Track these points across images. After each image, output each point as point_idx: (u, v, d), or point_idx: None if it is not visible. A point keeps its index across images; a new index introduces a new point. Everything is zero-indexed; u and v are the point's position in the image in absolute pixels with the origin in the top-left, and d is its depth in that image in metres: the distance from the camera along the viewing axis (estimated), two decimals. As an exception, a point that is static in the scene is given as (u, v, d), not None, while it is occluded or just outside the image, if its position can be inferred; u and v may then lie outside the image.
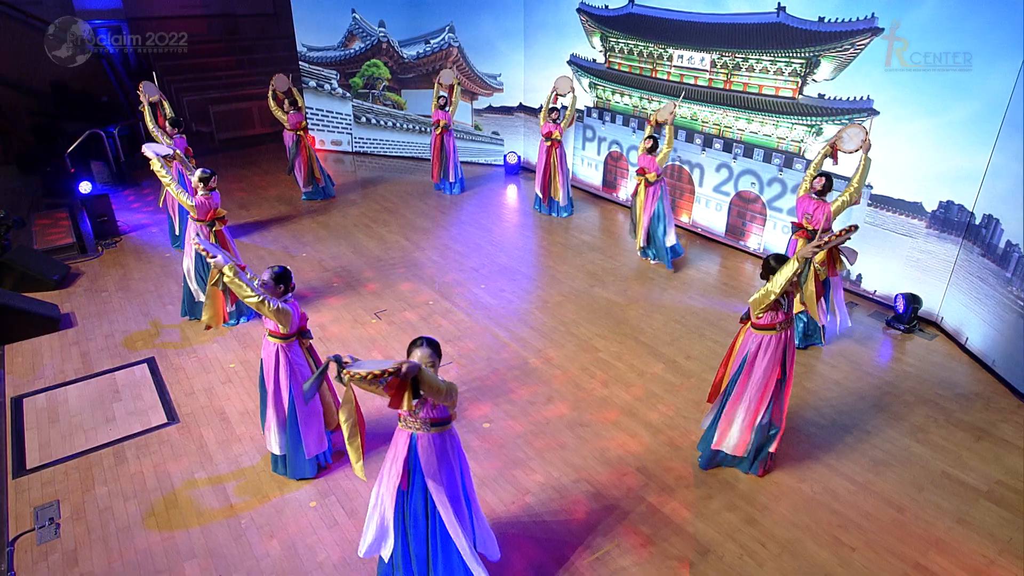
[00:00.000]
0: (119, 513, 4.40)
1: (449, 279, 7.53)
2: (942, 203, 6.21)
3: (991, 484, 4.62)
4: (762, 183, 7.67)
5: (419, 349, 3.16)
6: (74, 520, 4.36)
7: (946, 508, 4.39)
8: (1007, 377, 5.62)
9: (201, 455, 4.92)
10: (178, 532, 4.23)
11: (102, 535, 4.24)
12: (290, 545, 4.11)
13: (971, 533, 4.20)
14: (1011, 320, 5.60)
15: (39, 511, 4.44)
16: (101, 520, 4.36)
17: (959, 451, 4.93)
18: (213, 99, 12.42)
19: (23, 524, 4.33)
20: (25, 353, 6.20)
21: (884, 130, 6.45)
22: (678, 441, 4.95)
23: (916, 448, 4.95)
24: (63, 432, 5.19)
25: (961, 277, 6.17)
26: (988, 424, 5.22)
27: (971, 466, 4.79)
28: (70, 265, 7.73)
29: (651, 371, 5.80)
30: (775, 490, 4.52)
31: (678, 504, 4.37)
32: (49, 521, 4.36)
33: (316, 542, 4.13)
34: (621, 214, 9.55)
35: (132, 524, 4.31)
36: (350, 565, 3.95)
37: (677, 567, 3.89)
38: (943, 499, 4.47)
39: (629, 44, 8.75)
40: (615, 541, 4.07)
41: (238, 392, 5.62)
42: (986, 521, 4.30)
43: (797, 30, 6.87)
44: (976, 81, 5.77)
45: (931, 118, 6.12)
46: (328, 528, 4.23)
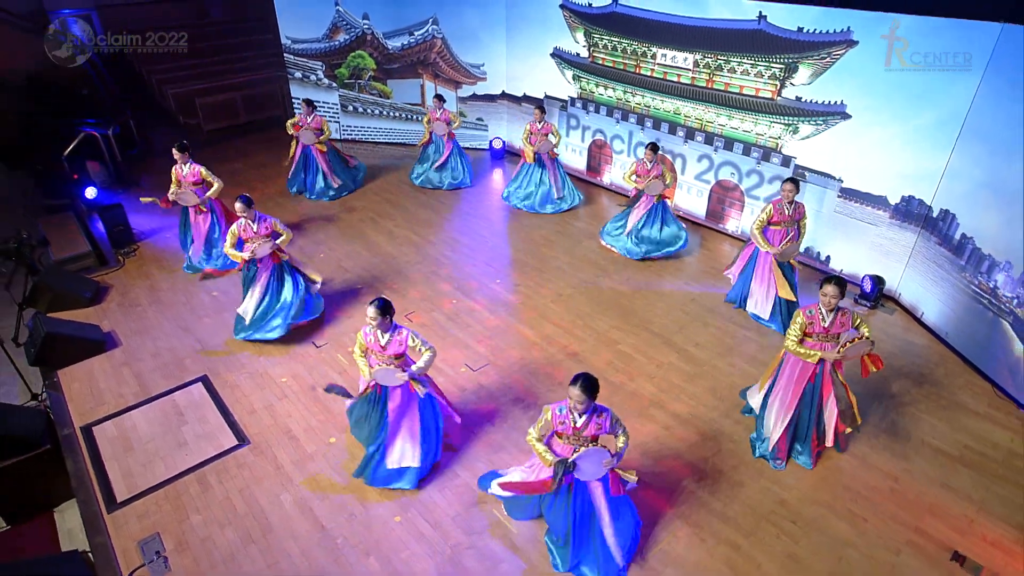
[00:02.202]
0: (220, 542, 4.34)
1: (464, 274, 7.45)
2: (904, 197, 6.47)
3: (961, 449, 5.07)
4: (741, 174, 7.78)
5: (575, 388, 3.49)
6: (179, 552, 4.28)
7: (931, 476, 4.80)
8: (959, 348, 6.08)
9: (280, 476, 4.84)
10: (280, 557, 4.21)
11: (209, 565, 4.18)
12: (387, 561, 4.16)
13: (954, 497, 4.63)
14: (963, 301, 6.01)
15: (144, 545, 4.34)
16: (205, 549, 4.29)
17: (932, 420, 5.35)
18: (198, 91, 11.46)
19: (132, 559, 4.23)
20: (80, 378, 5.87)
21: (855, 131, 6.60)
22: (704, 430, 5.18)
23: (898, 420, 5.33)
24: (141, 461, 5.01)
25: (918, 261, 6.53)
26: (949, 393, 5.67)
27: (943, 434, 5.23)
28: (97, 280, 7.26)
29: (667, 361, 5.98)
30: (795, 471, 4.81)
31: (717, 492, 4.61)
32: (156, 555, 4.27)
33: (410, 556, 4.20)
34: (605, 197, 9.55)
35: (235, 552, 4.26)
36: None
37: (729, 552, 4.18)
38: (927, 467, 4.88)
39: (613, 41, 8.50)
40: (671, 532, 4.33)
41: (297, 408, 5.50)
42: (964, 484, 4.73)
43: (777, 38, 6.83)
44: (939, 92, 5.93)
45: (898, 123, 6.29)
46: (417, 541, 4.29)
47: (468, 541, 4.26)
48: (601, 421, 3.63)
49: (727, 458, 4.92)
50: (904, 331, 6.48)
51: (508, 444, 5.05)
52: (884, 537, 4.30)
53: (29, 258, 6.66)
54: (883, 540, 4.28)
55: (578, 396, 3.46)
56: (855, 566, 4.09)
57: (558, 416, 3.68)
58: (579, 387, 3.44)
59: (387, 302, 4.23)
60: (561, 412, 3.67)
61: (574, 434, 3.66)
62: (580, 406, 3.53)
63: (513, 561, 4.12)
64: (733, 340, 6.28)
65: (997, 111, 5.53)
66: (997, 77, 5.51)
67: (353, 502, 4.60)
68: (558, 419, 3.68)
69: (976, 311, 5.84)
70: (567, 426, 3.66)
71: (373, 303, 4.19)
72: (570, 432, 3.68)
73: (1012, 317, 5.48)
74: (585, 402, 3.49)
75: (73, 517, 5.01)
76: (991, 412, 5.43)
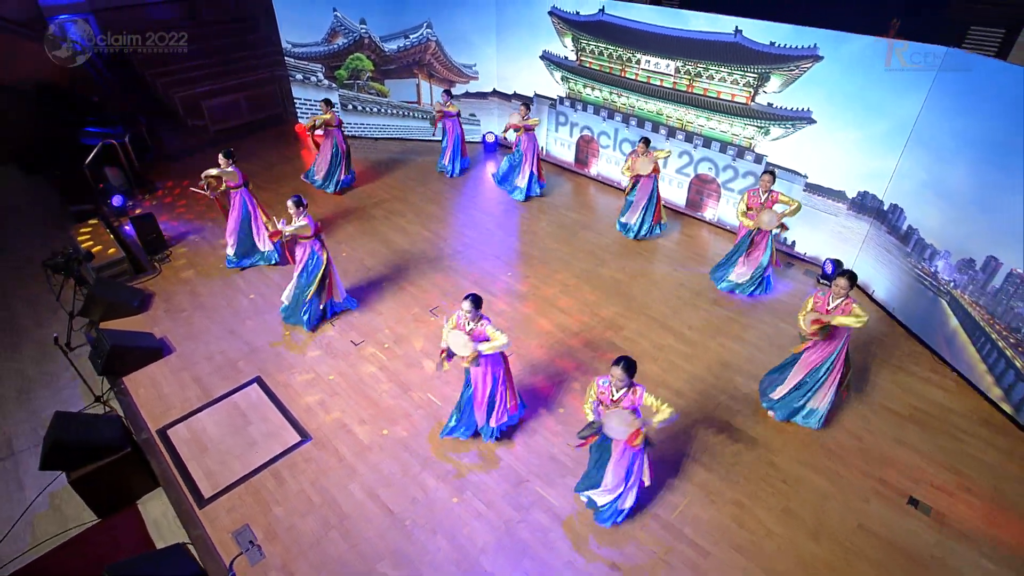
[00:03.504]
0: (304, 530, 4.60)
1: (478, 268, 7.62)
2: (860, 192, 6.88)
3: (910, 409, 5.63)
4: (718, 168, 8.07)
5: (617, 368, 3.88)
6: (269, 541, 4.53)
7: (887, 433, 5.35)
8: (905, 322, 6.62)
9: (344, 468, 5.06)
10: (359, 540, 4.49)
11: (300, 550, 4.45)
12: (452, 538, 4.49)
13: (907, 450, 5.19)
14: (908, 282, 6.53)
15: (238, 536, 4.57)
16: (291, 537, 4.54)
17: (884, 384, 5.90)
18: (203, 93, 11.01)
19: (229, 548, 4.47)
20: (145, 384, 5.93)
21: (819, 135, 6.93)
22: (705, 405, 5.60)
23: (858, 385, 5.85)
24: (218, 460, 5.17)
25: (870, 246, 7.00)
26: (899, 360, 6.21)
27: (894, 396, 5.77)
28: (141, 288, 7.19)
29: (666, 343, 6.35)
30: (782, 437, 5.28)
31: (721, 459, 5.05)
32: (250, 544, 4.52)
33: (472, 531, 4.55)
34: (593, 187, 9.75)
35: (319, 538, 4.53)
36: (506, 548, 4.39)
37: (735, 510, 4.66)
38: (884, 426, 5.42)
39: (599, 47, 8.54)
40: (687, 497, 4.78)
41: (347, 404, 5.68)
42: (913, 440, 5.29)
43: (751, 50, 7.02)
44: (891, 104, 6.26)
45: (856, 129, 6.63)
46: (475, 519, 4.63)
47: (519, 516, 4.62)
48: (635, 397, 4.00)
49: (725, 430, 5.35)
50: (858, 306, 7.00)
51: (541, 428, 5.40)
52: (855, 488, 4.84)
53: (77, 271, 6.56)
54: (855, 490, 4.82)
55: (619, 375, 3.88)
56: (835, 514, 4.63)
57: (600, 387, 4.08)
58: (621, 367, 3.86)
59: (479, 298, 4.55)
60: (604, 384, 4.07)
61: (612, 404, 4.03)
62: (620, 383, 3.93)
63: (558, 531, 4.51)
64: (720, 321, 6.68)
65: (940, 123, 5.91)
66: (940, 94, 5.87)
67: (414, 488, 4.87)
68: (600, 389, 4.08)
69: (919, 291, 6.37)
70: (606, 397, 4.06)
71: (468, 298, 4.48)
72: (608, 402, 4.05)
73: (948, 297, 6.01)
74: (624, 379, 3.90)
75: (155, 508, 5.17)
76: (931, 376, 6.01)
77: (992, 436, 5.37)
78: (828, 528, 4.52)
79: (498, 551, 4.39)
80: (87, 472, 4.93)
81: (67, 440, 4.86)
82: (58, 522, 5.09)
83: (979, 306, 5.67)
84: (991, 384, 5.61)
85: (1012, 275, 5.32)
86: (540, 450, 5.17)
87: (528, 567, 4.28)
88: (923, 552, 4.39)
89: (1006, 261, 5.37)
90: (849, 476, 4.94)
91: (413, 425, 5.45)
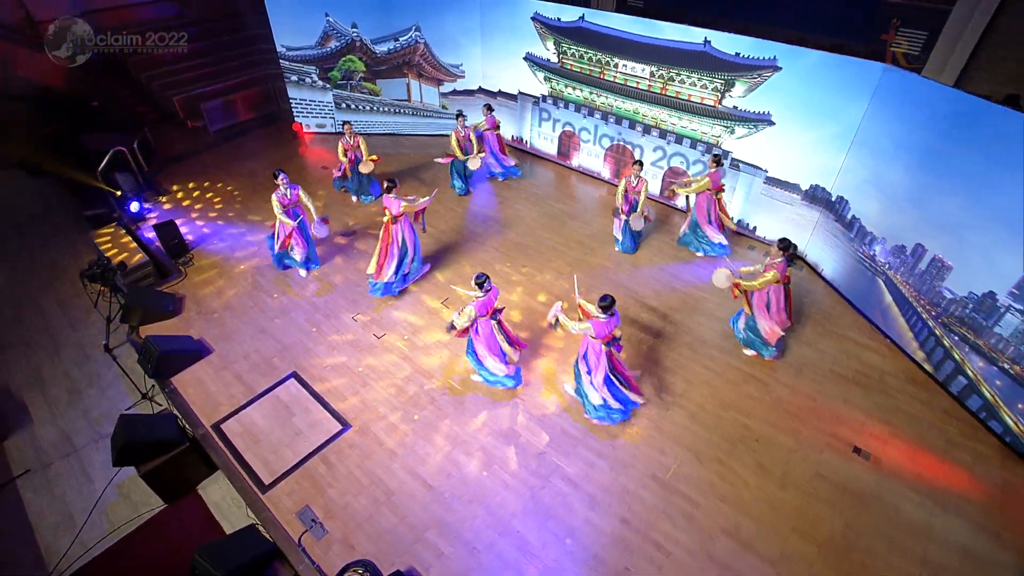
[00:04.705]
0: (357, 508, 4.93)
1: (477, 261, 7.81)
2: (812, 185, 7.34)
3: (853, 373, 6.23)
4: (688, 162, 8.39)
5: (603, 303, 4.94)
6: (328, 518, 4.87)
7: (836, 394, 5.94)
8: (848, 296, 7.20)
9: (384, 451, 5.38)
10: (407, 512, 4.84)
11: (356, 524, 4.80)
12: (486, 506, 4.89)
13: (850, 408, 5.80)
14: (851, 263, 7.09)
15: (301, 516, 4.89)
16: (347, 514, 4.87)
17: (834, 353, 6.48)
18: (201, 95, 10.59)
19: (295, 526, 4.80)
20: (193, 384, 6.07)
21: (778, 135, 7.30)
22: (691, 379, 6.04)
23: (809, 354, 6.39)
24: (270, 450, 5.43)
25: (820, 232, 7.52)
26: (843, 330, 6.79)
27: (840, 361, 6.35)
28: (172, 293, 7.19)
29: (653, 324, 6.81)
30: (752, 402, 5.80)
31: (705, 424, 5.54)
32: (313, 522, 4.86)
33: (502, 500, 4.95)
34: (574, 177, 9.96)
35: (372, 513, 4.87)
36: (532, 511, 4.83)
37: (718, 467, 5.16)
38: (833, 388, 6.00)
39: (580, 51, 8.61)
40: (678, 460, 5.30)
41: (380, 393, 5.92)
42: (856, 399, 5.90)
43: (718, 59, 7.26)
44: (839, 111, 6.64)
45: (809, 131, 7.02)
46: (504, 489, 5.03)
47: (541, 483, 5.07)
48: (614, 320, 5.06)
49: (709, 398, 5.85)
50: (809, 283, 7.56)
51: (552, 406, 5.82)
52: (813, 442, 5.46)
53: (112, 280, 6.54)
54: (812, 444, 5.44)
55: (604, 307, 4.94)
56: (799, 465, 5.24)
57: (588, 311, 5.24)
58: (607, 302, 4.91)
59: (484, 275, 5.39)
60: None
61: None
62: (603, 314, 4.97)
63: (575, 494, 4.98)
64: (695, 301, 7.13)
65: (880, 129, 6.34)
66: (880, 102, 6.28)
67: (448, 465, 5.24)
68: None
69: (860, 270, 6.95)
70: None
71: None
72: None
73: (884, 276, 6.60)
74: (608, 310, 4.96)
75: (215, 492, 5.44)
76: (870, 343, 6.64)
77: (916, 391, 6.04)
78: (792, 477, 5.14)
79: (526, 514, 4.85)
80: (155, 466, 5.16)
81: (135, 439, 5.06)
82: (129, 508, 5.34)
83: (908, 285, 6.28)
84: (916, 348, 6.27)
85: (935, 260, 5.90)
86: (552, 425, 5.60)
87: (552, 526, 4.76)
88: (865, 491, 5.05)
89: (930, 248, 5.93)
90: (807, 433, 5.55)
91: (439, 409, 5.77)
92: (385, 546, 4.65)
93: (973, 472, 5.23)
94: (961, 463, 5.30)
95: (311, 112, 10.67)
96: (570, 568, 4.49)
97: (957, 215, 5.56)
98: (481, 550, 4.62)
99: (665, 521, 4.79)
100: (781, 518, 4.81)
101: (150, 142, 9.41)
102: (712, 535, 4.69)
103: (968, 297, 5.57)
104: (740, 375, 6.10)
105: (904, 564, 4.52)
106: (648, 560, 4.54)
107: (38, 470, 5.76)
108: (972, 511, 4.91)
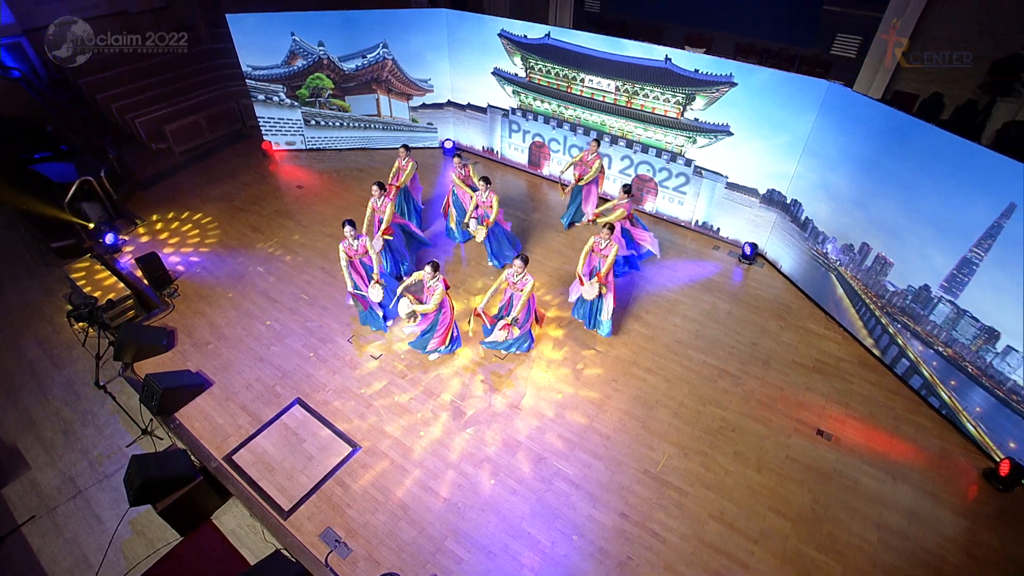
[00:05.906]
0: (377, 524, 5.25)
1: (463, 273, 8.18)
2: (769, 189, 8.02)
3: (813, 361, 6.96)
4: (655, 170, 8.95)
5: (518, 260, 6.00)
6: (350, 537, 5.18)
7: (799, 382, 6.65)
8: (806, 290, 7.94)
9: (395, 468, 5.70)
10: (425, 524, 5.22)
11: (378, 540, 5.13)
12: (497, 512, 5.31)
13: (813, 394, 6.51)
14: (807, 260, 7.82)
15: (324, 537, 5.18)
16: (368, 532, 5.18)
17: (795, 344, 7.20)
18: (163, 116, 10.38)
19: (320, 548, 5.09)
20: (198, 417, 6.21)
21: (737, 144, 7.92)
22: (671, 378, 6.60)
23: (775, 347, 7.09)
24: (285, 476, 5.67)
25: (777, 232, 8.24)
26: (802, 321, 7.52)
27: (801, 351, 7.07)
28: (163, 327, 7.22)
29: (633, 328, 7.30)
30: (727, 397, 6.45)
31: (688, 420, 6.10)
32: (336, 542, 5.17)
33: (511, 505, 5.40)
34: (546, 185, 10.38)
35: (391, 528, 5.21)
36: (539, 514, 5.27)
37: (702, 458, 5.78)
38: (796, 377, 6.71)
39: (547, 66, 8.99)
40: (666, 454, 5.88)
41: (382, 413, 6.19)
42: (817, 385, 6.62)
43: (679, 75, 7.80)
44: (790, 122, 7.29)
45: (764, 140, 7.66)
46: (511, 494, 5.48)
47: (544, 487, 5.54)
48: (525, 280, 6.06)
49: (689, 396, 6.43)
50: (770, 278, 8.28)
51: (545, 417, 6.29)
52: (782, 428, 6.14)
53: (100, 318, 6.57)
54: (782, 430, 6.12)
55: (519, 265, 5.95)
56: (770, 450, 5.90)
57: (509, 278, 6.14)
58: (520, 259, 5.93)
59: (433, 262, 6.10)
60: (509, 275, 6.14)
61: (512, 287, 6.21)
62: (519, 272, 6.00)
63: (578, 494, 5.48)
64: (668, 303, 7.72)
65: (826, 139, 7.04)
66: (826, 116, 6.96)
67: (457, 476, 5.63)
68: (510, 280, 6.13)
69: (814, 267, 7.69)
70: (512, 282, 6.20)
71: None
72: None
73: (836, 272, 7.36)
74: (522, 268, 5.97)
75: (229, 520, 5.63)
76: (826, 332, 7.39)
77: (867, 374, 6.80)
78: (766, 461, 5.80)
79: (535, 517, 5.32)
80: (171, 502, 5.35)
81: (151, 478, 5.23)
82: (144, 544, 5.49)
83: (857, 279, 7.04)
84: (866, 335, 7.06)
85: (879, 257, 6.66)
86: (550, 432, 6.07)
87: (560, 525, 5.25)
88: (829, 468, 5.75)
89: (874, 247, 6.69)
90: (776, 420, 6.23)
91: (443, 424, 6.15)
92: (409, 557, 5.01)
93: (916, 443, 6.02)
94: (906, 436, 6.09)
95: (280, 130, 10.67)
96: (579, 562, 5.00)
97: (895, 218, 6.31)
98: (497, 553, 5.06)
99: (659, 511, 5.35)
100: (759, 499, 5.46)
101: (116, 168, 9.24)
102: (701, 520, 5.30)
103: (907, 289, 6.34)
104: (715, 371, 6.72)
105: (862, 530, 5.24)
106: (647, 548, 5.10)
107: (44, 515, 5.82)
108: (916, 477, 5.69)
